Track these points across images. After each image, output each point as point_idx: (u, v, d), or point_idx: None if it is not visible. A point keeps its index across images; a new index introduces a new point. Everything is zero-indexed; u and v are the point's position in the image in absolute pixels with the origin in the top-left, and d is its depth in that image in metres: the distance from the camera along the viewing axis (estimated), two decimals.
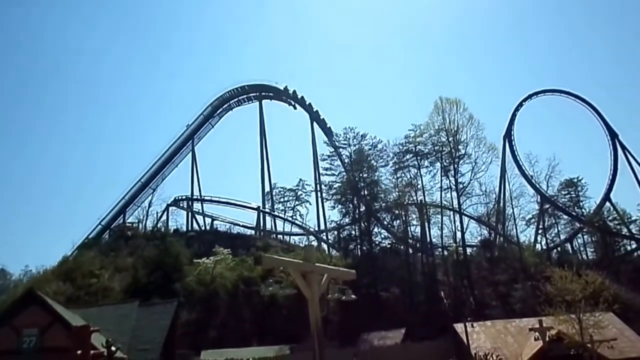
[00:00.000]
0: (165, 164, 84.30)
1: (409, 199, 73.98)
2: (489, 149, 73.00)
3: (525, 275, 66.31)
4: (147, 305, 39.99)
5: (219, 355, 44.06)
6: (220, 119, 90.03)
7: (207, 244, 69.36)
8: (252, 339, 52.53)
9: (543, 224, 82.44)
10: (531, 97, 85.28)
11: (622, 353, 34.21)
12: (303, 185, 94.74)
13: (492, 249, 77.22)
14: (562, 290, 35.30)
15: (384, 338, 50.05)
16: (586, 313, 34.46)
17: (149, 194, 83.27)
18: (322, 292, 11.11)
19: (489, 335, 42.74)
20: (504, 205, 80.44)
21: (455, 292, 66.51)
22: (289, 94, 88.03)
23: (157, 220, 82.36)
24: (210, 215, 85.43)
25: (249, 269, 59.51)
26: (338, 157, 77.36)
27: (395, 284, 67.55)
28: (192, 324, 53.43)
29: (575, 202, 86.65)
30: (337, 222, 77.91)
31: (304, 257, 10.80)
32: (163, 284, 54.55)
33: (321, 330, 10.19)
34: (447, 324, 49.34)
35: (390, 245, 74.30)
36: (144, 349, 32.81)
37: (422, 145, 74.30)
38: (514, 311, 57.48)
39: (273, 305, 55.42)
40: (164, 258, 59.40)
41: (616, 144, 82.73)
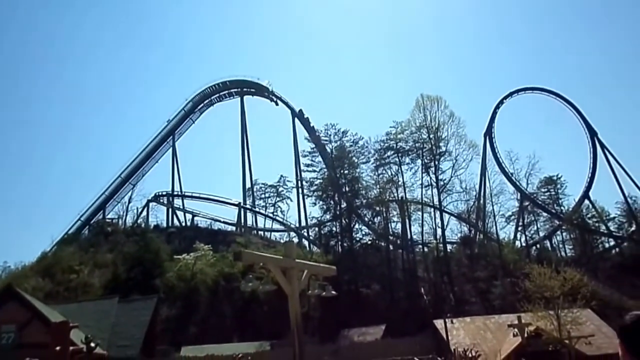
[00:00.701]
0: (145, 160, 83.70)
1: (389, 195, 74.27)
2: (470, 146, 73.55)
3: (505, 272, 66.85)
4: (127, 301, 39.85)
5: (199, 351, 44.00)
6: (201, 115, 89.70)
7: (188, 240, 69.18)
8: (232, 335, 52.51)
9: (523, 221, 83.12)
10: (512, 94, 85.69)
11: (599, 349, 34.68)
12: (284, 181, 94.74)
13: (472, 245, 77.77)
14: (541, 286, 35.68)
15: (364, 334, 50.26)
16: (564, 309, 34.92)
17: (129, 190, 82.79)
18: (303, 288, 11.18)
19: (469, 331, 43.12)
20: (484, 202, 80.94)
21: (435, 288, 66.92)
22: (270, 90, 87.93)
23: (137, 216, 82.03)
24: (190, 211, 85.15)
25: (229, 265, 59.40)
26: (319, 154, 77.31)
27: (375, 280, 67.81)
28: (173, 320, 53.30)
29: (554, 200, 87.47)
30: (318, 218, 77.96)
31: (284, 253, 10.88)
32: (143, 280, 54.26)
33: (301, 326, 10.27)
34: (427, 320, 49.71)
35: (371, 242, 74.48)
36: (123, 345, 32.72)
37: (403, 142, 74.70)
38: (493, 307, 58.03)
39: (254, 301, 55.43)
40: (144, 254, 59.06)
41: (595, 142, 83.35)
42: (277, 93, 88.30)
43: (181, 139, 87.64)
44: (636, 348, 2.63)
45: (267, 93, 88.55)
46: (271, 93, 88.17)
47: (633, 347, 2.65)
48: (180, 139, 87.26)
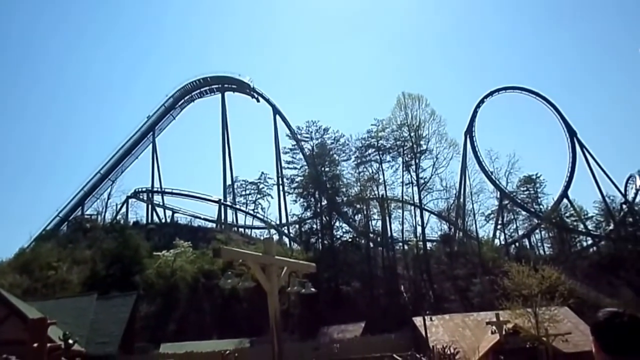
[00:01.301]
0: (125, 156, 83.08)
1: (370, 193, 74.48)
2: (450, 144, 73.89)
3: (484, 269, 67.45)
4: (106, 298, 39.66)
5: (179, 348, 43.81)
6: (181, 111, 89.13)
7: (168, 236, 68.85)
8: (212, 332, 52.39)
9: (502, 220, 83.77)
10: (492, 94, 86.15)
11: (576, 346, 35.10)
12: (265, 178, 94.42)
13: (451, 243, 78.32)
14: (519, 284, 36.02)
15: (343, 331, 50.38)
16: (542, 307, 35.31)
17: (109, 186, 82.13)
18: (283, 285, 11.22)
19: (447, 329, 43.43)
20: (464, 200, 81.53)
21: (414, 286, 67.30)
22: (251, 87, 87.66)
23: (116, 213, 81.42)
24: (170, 207, 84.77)
25: (209, 262, 59.23)
26: (300, 151, 77.22)
27: (356, 277, 67.99)
28: (152, 317, 53.08)
29: (533, 199, 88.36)
30: (298, 215, 77.90)
31: (264, 250, 10.89)
32: (122, 276, 53.93)
33: (280, 323, 10.31)
34: (406, 317, 50.02)
35: (352, 240, 74.56)
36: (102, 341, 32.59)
37: (384, 140, 74.90)
38: (472, 305, 58.55)
39: (234, 298, 55.36)
40: (123, 251, 58.69)
41: (575, 142, 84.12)
42: (258, 89, 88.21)
43: (161, 135, 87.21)
44: (608, 345, 2.69)
45: (248, 89, 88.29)
46: (252, 89, 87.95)
47: (605, 344, 2.71)
48: (160, 135, 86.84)
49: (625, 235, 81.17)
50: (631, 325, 2.68)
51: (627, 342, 2.67)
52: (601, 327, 2.75)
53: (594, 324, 2.80)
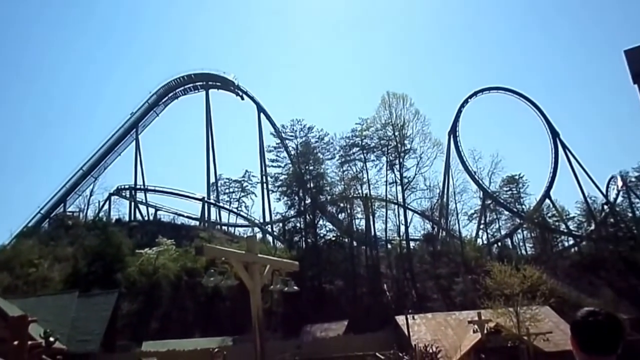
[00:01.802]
0: (107, 152, 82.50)
1: (354, 192, 74.61)
2: (434, 144, 74.30)
3: (466, 269, 67.85)
4: (88, 295, 39.45)
5: (161, 346, 43.64)
6: (165, 108, 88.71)
7: (150, 234, 68.45)
8: (195, 330, 52.24)
9: (485, 219, 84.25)
10: (477, 94, 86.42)
11: (556, 345, 35.39)
12: (249, 176, 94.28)
13: (434, 243, 78.63)
14: (501, 284, 36.26)
15: (326, 330, 50.45)
16: (523, 306, 35.60)
17: (91, 183, 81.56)
18: (266, 283, 11.22)
19: (430, 328, 43.64)
20: (447, 200, 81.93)
21: (397, 285, 67.50)
22: (236, 84, 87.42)
23: (98, 210, 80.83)
24: (153, 205, 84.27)
25: (192, 260, 59.00)
26: (284, 149, 77.06)
27: (339, 276, 68.04)
28: (134, 314, 52.82)
29: (516, 199, 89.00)
30: (282, 214, 77.91)
31: (247, 248, 10.87)
32: (104, 274, 53.61)
33: (262, 321, 10.31)
34: (389, 316, 50.17)
35: (335, 238, 74.57)
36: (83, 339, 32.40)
37: (369, 139, 75.04)
38: (455, 304, 58.94)
39: (217, 296, 55.26)
40: (105, 248, 58.31)
41: (557, 142, 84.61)
42: (242, 87, 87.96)
43: (145, 132, 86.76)
44: (585, 343, 2.75)
45: (232, 87, 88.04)
46: (237, 87, 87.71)
47: (582, 343, 2.76)
48: (143, 132, 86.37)
49: (606, 235, 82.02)
50: (608, 324, 2.72)
51: (604, 341, 2.73)
52: (579, 326, 2.79)
53: (573, 322, 2.84)
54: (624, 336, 2.77)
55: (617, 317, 2.81)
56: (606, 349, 2.73)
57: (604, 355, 2.74)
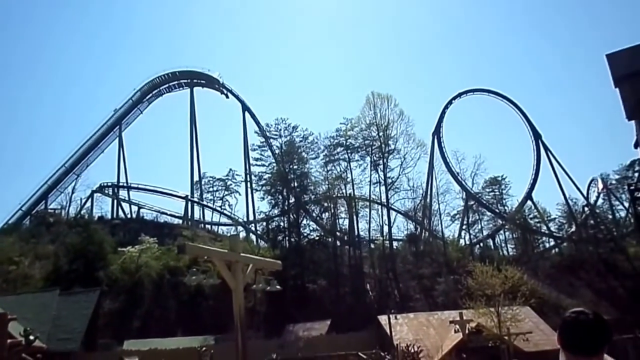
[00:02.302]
0: (90, 149, 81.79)
1: (338, 192, 74.69)
2: (418, 145, 74.67)
3: (449, 269, 68.24)
4: (69, 293, 39.14)
5: (143, 345, 43.38)
6: (149, 105, 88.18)
7: (133, 232, 68.06)
8: (177, 329, 51.98)
9: (467, 220, 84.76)
10: (460, 95, 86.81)
11: (536, 345, 35.72)
12: (233, 175, 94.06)
13: (417, 243, 79.01)
14: (483, 284, 36.46)
15: (309, 329, 50.49)
16: (504, 307, 35.82)
17: (73, 180, 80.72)
18: (249, 282, 11.25)
19: (412, 327, 43.82)
20: (430, 200, 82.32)
21: (380, 284, 67.72)
22: (221, 82, 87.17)
23: (80, 207, 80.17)
24: (136, 203, 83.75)
25: (175, 258, 58.72)
26: (269, 148, 76.92)
27: (322, 276, 68.09)
28: (116, 313, 52.46)
29: (498, 200, 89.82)
30: (266, 213, 77.74)
31: (230, 247, 10.89)
32: (86, 272, 53.17)
33: (244, 320, 10.34)
34: (371, 315, 50.32)
35: (319, 238, 74.61)
36: (64, 338, 32.16)
37: (353, 139, 75.08)
38: (437, 304, 59.26)
39: (199, 295, 55.04)
40: (87, 246, 57.81)
41: (539, 144, 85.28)
42: (227, 85, 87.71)
43: (128, 129, 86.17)
44: (570, 343, 2.81)
45: (217, 85, 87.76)
46: (221, 85, 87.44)
47: (567, 343, 2.82)
48: (127, 129, 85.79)
49: (586, 237, 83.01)
50: (594, 325, 2.77)
51: (589, 342, 2.77)
52: (566, 326, 2.84)
53: (561, 322, 2.88)
54: (610, 338, 2.80)
55: (604, 318, 2.84)
56: (591, 350, 2.78)
57: (588, 355, 2.78)
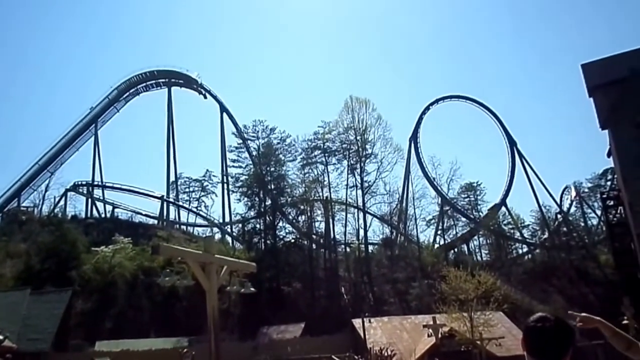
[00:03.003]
0: (65, 147, 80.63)
1: (314, 194, 74.75)
2: (395, 149, 75.34)
3: (423, 273, 68.70)
4: (40, 293, 38.74)
5: (115, 346, 42.99)
6: (126, 104, 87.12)
7: (107, 232, 67.28)
8: (150, 331, 51.60)
9: (442, 225, 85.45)
10: (438, 101, 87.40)
11: (508, 350, 36.14)
12: (210, 176, 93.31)
13: (392, 247, 79.42)
14: (456, 289, 36.91)
15: (283, 332, 50.47)
16: (477, 312, 36.30)
17: (47, 178, 79.55)
18: (223, 284, 11.26)
19: (385, 331, 44.12)
20: (406, 205, 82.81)
21: (355, 288, 67.95)
22: (199, 83, 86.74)
23: (54, 206, 79.05)
24: (111, 202, 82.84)
25: (149, 259, 58.15)
26: (246, 150, 76.65)
27: (297, 278, 68.13)
28: (88, 313, 51.82)
29: (473, 206, 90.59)
30: (242, 215, 77.39)
31: (204, 248, 10.90)
32: (58, 271, 52.46)
33: (218, 322, 10.36)
34: (346, 319, 50.55)
35: (295, 240, 74.61)
36: (34, 338, 31.81)
37: (331, 142, 75.34)
38: (410, 308, 59.71)
39: (173, 296, 54.67)
40: (59, 245, 57.05)
41: (514, 151, 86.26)
42: (206, 86, 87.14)
43: (104, 127, 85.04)
44: (534, 348, 2.83)
45: (195, 85, 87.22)
46: (200, 86, 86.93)
47: (531, 347, 2.84)
48: (103, 127, 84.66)
49: (558, 244, 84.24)
50: (557, 330, 2.79)
51: (552, 347, 2.80)
52: (529, 331, 2.86)
53: (524, 328, 2.91)
54: (573, 343, 2.83)
55: (567, 323, 2.87)
56: (555, 356, 2.80)
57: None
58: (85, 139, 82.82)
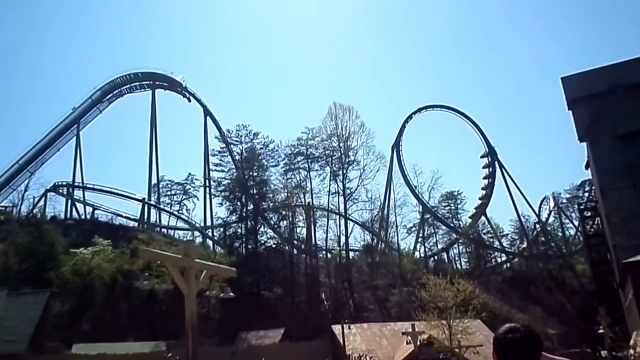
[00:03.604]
0: (46, 147, 79.74)
1: (297, 200, 74.84)
2: (378, 157, 76.02)
3: (403, 281, 69.05)
4: (17, 294, 38.30)
5: (92, 349, 42.56)
6: (109, 105, 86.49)
7: (86, 233, 66.59)
8: (128, 334, 51.15)
9: (423, 233, 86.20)
10: (421, 110, 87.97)
11: (486, 359, 36.27)
12: (192, 179, 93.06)
13: (373, 254, 79.71)
14: (436, 297, 37.17)
15: (262, 337, 50.35)
16: (456, 319, 36.57)
17: (27, 178, 78.54)
18: (202, 288, 11.30)
19: (365, 338, 44.21)
20: (387, 212, 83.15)
21: (335, 294, 68.04)
22: (184, 86, 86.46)
23: (33, 206, 77.95)
24: (91, 204, 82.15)
25: (129, 261, 57.63)
26: (229, 154, 76.64)
27: (278, 283, 68.01)
28: (65, 316, 51.33)
29: (453, 214, 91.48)
30: (224, 219, 77.27)
31: (184, 252, 10.91)
32: (35, 272, 51.95)
33: (196, 326, 10.39)
34: (326, 325, 50.53)
35: (276, 246, 74.65)
36: (10, 340, 31.46)
37: (314, 148, 75.66)
38: (390, 315, 59.97)
39: (152, 300, 54.28)
40: (38, 246, 56.48)
41: (495, 162, 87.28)
42: (190, 89, 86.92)
43: (86, 128, 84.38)
44: (502, 357, 2.87)
45: (180, 88, 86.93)
46: (184, 89, 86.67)
47: (500, 357, 2.88)
48: (85, 128, 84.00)
49: (536, 253, 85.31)
50: (525, 341, 2.82)
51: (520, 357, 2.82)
52: (498, 342, 2.89)
53: (494, 338, 2.94)
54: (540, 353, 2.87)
55: (536, 333, 2.90)
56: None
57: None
58: (66, 139, 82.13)
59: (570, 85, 43.92)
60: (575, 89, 43.13)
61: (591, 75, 43.61)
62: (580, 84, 43.22)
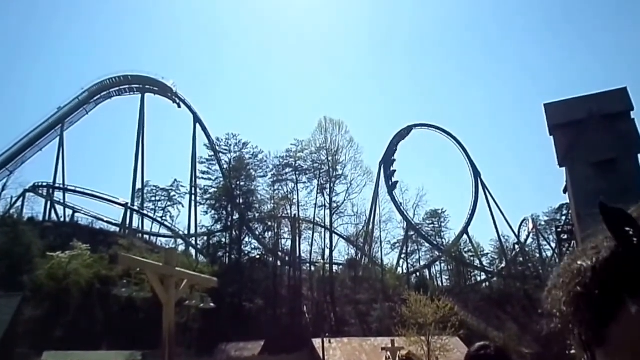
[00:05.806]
0: (27, 146, 78.06)
1: (283, 212, 74.58)
2: (365, 172, 76.81)
3: (385, 296, 68.96)
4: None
5: (63, 357, 41.33)
6: (96, 106, 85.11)
7: (65, 237, 65.14)
8: (102, 342, 49.80)
9: (406, 249, 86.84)
10: (409, 128, 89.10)
11: None
12: (178, 186, 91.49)
13: (357, 268, 79.55)
14: (416, 313, 37.70)
15: (241, 349, 49.61)
16: (435, 336, 36.94)
17: (5, 177, 76.77)
18: (183, 297, 10.47)
19: (345, 352, 43.89)
20: (372, 227, 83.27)
21: (317, 307, 67.69)
22: (174, 91, 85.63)
23: (10, 206, 76.02)
24: (71, 206, 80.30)
25: (107, 267, 56.17)
26: (217, 162, 76.28)
27: (260, 295, 67.42)
28: (37, 321, 49.86)
29: (437, 232, 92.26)
30: (208, 227, 76.59)
31: (165, 260, 10.09)
32: (9, 275, 50.57)
33: (174, 336, 9.61)
34: (306, 338, 49.93)
35: (260, 257, 74.27)
36: None
37: (302, 161, 75.68)
38: (371, 330, 59.85)
39: (130, 307, 52.93)
40: (13, 247, 55.20)
41: (478, 182, 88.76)
42: (180, 95, 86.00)
43: (71, 128, 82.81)
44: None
45: (170, 94, 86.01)
46: (174, 94, 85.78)
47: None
48: (70, 128, 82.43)
49: (514, 273, 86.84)
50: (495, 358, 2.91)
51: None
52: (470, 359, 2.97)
53: (465, 356, 3.01)
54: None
55: (506, 353, 3.05)
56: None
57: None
58: (49, 139, 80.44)
59: (552, 111, 46.62)
60: (557, 116, 45.80)
61: (571, 103, 46.39)
62: (561, 111, 46.03)
